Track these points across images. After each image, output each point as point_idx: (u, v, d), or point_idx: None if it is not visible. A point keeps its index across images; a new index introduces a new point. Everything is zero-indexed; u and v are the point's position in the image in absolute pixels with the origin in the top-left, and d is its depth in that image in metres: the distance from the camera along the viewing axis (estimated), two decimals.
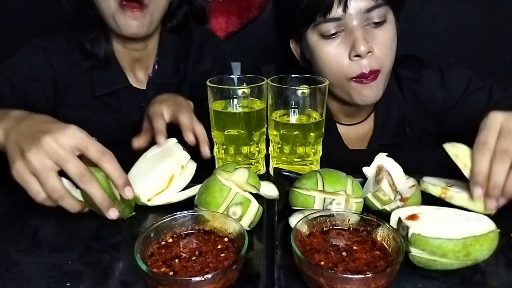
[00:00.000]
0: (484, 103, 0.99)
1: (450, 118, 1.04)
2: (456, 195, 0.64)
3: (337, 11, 0.88)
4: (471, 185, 0.63)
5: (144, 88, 1.10)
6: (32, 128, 0.64)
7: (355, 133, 1.09)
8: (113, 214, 0.62)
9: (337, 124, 1.08)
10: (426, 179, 0.67)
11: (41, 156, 0.60)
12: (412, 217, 0.55)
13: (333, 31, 0.90)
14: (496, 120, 0.63)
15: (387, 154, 0.68)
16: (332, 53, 0.91)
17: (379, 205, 0.63)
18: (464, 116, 1.02)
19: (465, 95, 1.01)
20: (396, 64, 0.99)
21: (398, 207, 0.62)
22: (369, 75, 0.90)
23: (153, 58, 1.12)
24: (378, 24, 0.90)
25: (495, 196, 0.61)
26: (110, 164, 0.62)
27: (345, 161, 0.88)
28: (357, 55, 0.88)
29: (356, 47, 0.87)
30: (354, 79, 0.92)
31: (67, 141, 0.61)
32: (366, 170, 0.70)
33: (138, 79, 1.11)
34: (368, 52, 0.88)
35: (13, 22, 1.48)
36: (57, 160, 0.60)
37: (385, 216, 0.59)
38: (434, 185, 0.66)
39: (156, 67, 1.12)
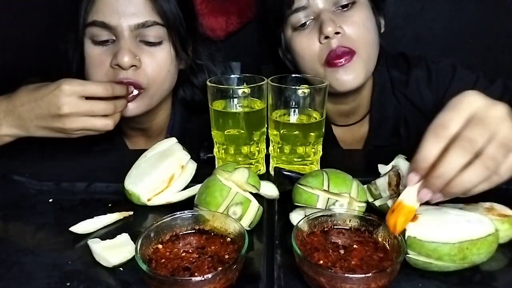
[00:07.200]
0: None
1: None
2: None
3: (301, 0, 0.90)
4: (409, 170, 0.53)
5: None
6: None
7: (350, 134, 1.08)
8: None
9: (332, 125, 1.07)
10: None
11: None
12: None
13: (303, 21, 0.92)
14: (470, 102, 0.51)
15: (406, 157, 0.67)
16: (304, 42, 0.93)
17: (370, 198, 0.66)
18: None
19: (450, 86, 1.00)
20: (389, 63, 0.99)
21: (386, 204, 0.63)
22: (341, 55, 0.89)
23: (164, 132, 1.04)
24: (347, 7, 0.91)
25: (435, 188, 0.51)
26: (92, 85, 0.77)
27: (346, 160, 0.88)
28: (326, 37, 0.89)
29: (323, 29, 0.88)
30: (327, 64, 0.90)
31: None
32: (381, 167, 0.70)
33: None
34: (337, 33, 0.88)
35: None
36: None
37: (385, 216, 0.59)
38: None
39: None
